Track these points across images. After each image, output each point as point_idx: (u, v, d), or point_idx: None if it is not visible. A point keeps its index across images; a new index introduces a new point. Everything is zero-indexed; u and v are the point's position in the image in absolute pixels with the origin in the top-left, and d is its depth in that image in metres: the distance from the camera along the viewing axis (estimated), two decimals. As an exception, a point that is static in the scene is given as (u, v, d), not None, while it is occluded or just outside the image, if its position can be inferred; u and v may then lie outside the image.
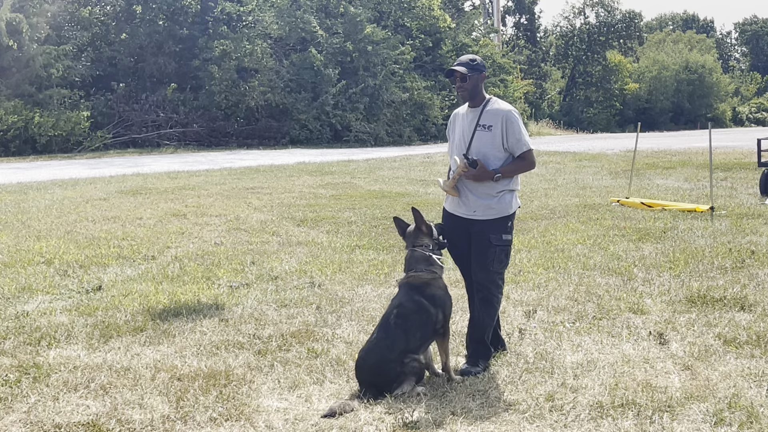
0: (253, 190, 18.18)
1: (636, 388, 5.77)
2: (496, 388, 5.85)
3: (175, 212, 14.63)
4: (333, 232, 12.79)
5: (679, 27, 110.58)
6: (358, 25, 41.20)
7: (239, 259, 10.59)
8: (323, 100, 39.47)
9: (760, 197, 15.90)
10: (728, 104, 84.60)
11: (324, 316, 7.82)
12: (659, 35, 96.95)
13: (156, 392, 5.83)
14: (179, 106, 38.90)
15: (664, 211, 14.22)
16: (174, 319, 7.74)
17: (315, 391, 5.84)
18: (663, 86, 77.81)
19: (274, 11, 41.35)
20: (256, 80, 39.50)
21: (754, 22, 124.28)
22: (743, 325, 7.19)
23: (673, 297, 8.31)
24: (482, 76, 6.44)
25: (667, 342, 6.80)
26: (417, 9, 46.43)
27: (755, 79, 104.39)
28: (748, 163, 22.00)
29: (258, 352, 6.72)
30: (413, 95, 42.13)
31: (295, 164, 25.67)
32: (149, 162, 28.19)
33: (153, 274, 9.73)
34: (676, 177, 20.27)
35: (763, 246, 10.88)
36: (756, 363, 6.23)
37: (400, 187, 19.10)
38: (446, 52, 46.86)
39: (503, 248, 6.28)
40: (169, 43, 40.64)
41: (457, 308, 7.40)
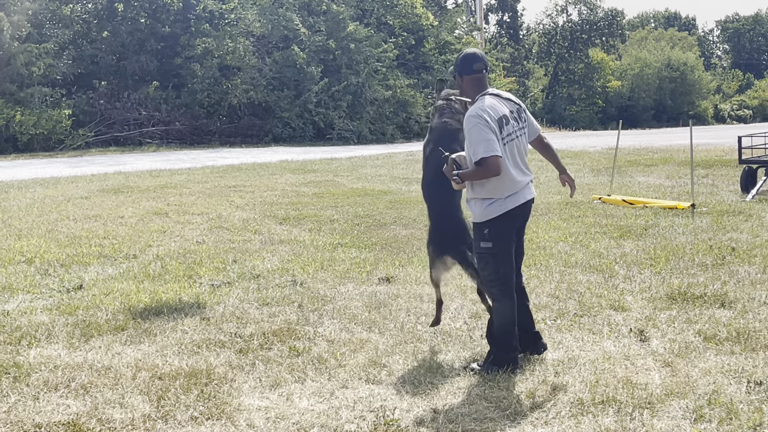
0: (235, 188, 18.15)
1: (616, 385, 5.79)
2: (477, 385, 5.86)
3: (156, 211, 14.59)
4: (315, 230, 12.78)
5: (661, 25, 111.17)
6: (340, 23, 41.17)
7: (221, 258, 10.57)
8: (306, 98, 39.42)
9: (740, 194, 15.98)
10: (710, 102, 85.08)
11: (306, 314, 7.81)
12: (641, 33, 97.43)
13: (137, 391, 5.81)
14: (161, 104, 38.77)
15: (646, 208, 14.27)
16: (155, 318, 7.72)
17: (296, 390, 5.84)
18: (645, 84, 78.23)
19: (256, 9, 41.27)
20: (238, 78, 39.42)
21: (736, 19, 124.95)
22: (723, 322, 7.22)
23: (653, 294, 8.34)
24: (460, 77, 6.29)
25: (648, 339, 6.83)
26: (399, 7, 46.42)
27: (737, 76, 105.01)
28: (730, 160, 22.09)
29: (239, 350, 6.71)
30: (396, 93, 42.13)
31: (277, 162, 25.64)
32: (131, 160, 28.11)
33: (134, 273, 9.70)
34: (658, 174, 20.35)
35: (744, 243, 10.93)
36: (736, 359, 6.26)
37: (383, 185, 19.10)
38: (429, 50, 46.89)
39: (481, 255, 6.20)
40: (151, 41, 40.49)
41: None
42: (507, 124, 6.05)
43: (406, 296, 8.44)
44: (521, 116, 6.22)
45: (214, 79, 39.30)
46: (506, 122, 6.05)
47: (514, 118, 6.14)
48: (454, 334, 7.11)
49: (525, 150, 6.23)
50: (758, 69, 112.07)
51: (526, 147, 6.26)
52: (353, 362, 6.38)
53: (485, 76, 6.24)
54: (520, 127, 6.16)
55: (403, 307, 8.01)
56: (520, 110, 6.25)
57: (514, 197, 6.05)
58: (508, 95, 6.28)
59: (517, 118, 6.17)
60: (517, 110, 6.21)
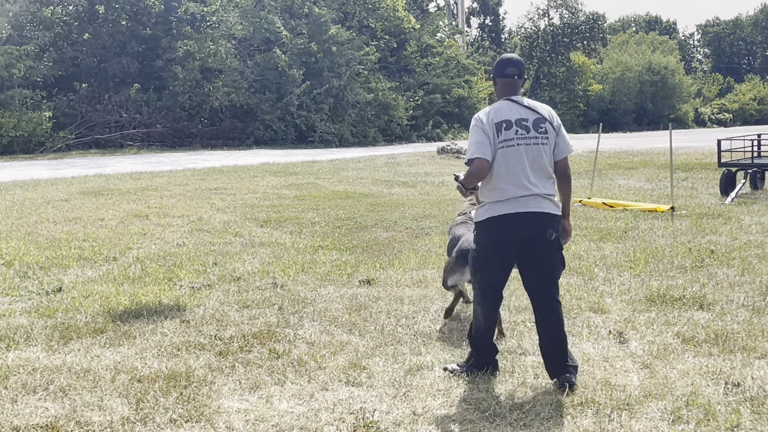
0: (216, 190, 18.12)
1: (595, 386, 5.81)
2: (457, 387, 5.86)
3: (137, 213, 14.54)
4: (296, 232, 12.77)
5: (642, 29, 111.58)
6: (322, 26, 41.20)
7: (201, 260, 10.54)
8: (288, 100, 39.43)
9: (720, 197, 16.07)
10: (690, 105, 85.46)
11: (286, 316, 7.80)
12: (622, 37, 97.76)
13: (116, 394, 5.79)
14: (142, 107, 38.69)
15: (626, 211, 14.34)
16: (135, 320, 7.69)
17: (276, 392, 5.83)
18: (626, 87, 78.48)
19: (238, 12, 41.25)
20: (220, 81, 39.39)
21: (716, 23, 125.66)
22: (702, 324, 7.26)
23: (633, 296, 8.38)
24: (494, 79, 6.21)
25: (627, 341, 6.86)
26: (381, 10, 46.52)
27: (717, 80, 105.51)
28: (709, 163, 22.22)
29: (219, 353, 6.70)
30: (378, 96, 42.19)
31: (259, 165, 25.61)
32: (112, 163, 28.01)
33: (114, 276, 9.66)
34: (638, 177, 20.44)
35: (723, 246, 11.00)
36: (714, 361, 6.30)
37: (365, 187, 19.10)
38: (411, 53, 47.00)
39: (471, 255, 6.23)
40: (132, 43, 40.40)
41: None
42: (508, 129, 5.87)
43: (387, 299, 8.45)
44: (539, 126, 5.92)
45: (196, 81, 39.25)
46: (507, 127, 5.88)
47: (524, 126, 5.90)
48: (434, 336, 7.12)
49: (536, 161, 5.89)
50: (738, 73, 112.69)
51: (539, 158, 5.90)
52: (333, 364, 6.38)
53: (517, 82, 6.08)
54: (530, 136, 5.88)
55: (383, 309, 8.02)
56: (540, 120, 5.95)
57: (502, 205, 5.86)
58: (534, 104, 6.04)
59: (530, 127, 5.90)
60: (536, 120, 5.94)
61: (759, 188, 17.34)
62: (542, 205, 5.87)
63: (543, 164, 5.92)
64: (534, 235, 5.87)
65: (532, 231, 5.87)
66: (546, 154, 5.93)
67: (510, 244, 5.90)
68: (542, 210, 5.86)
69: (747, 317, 7.49)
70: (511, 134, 5.87)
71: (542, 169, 5.92)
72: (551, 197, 5.92)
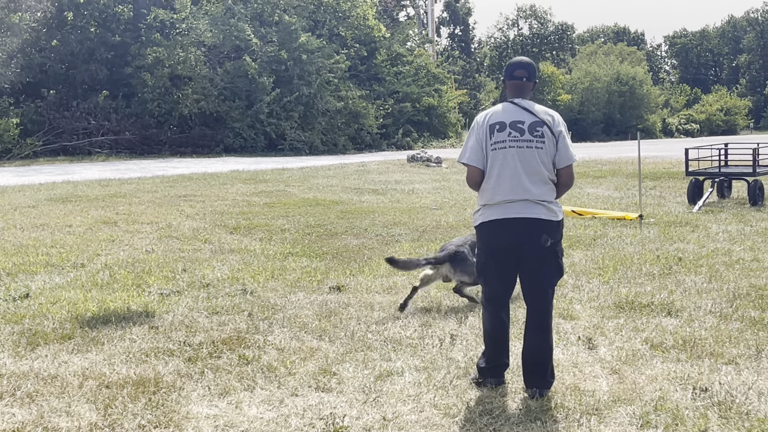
0: (185, 197, 18.04)
1: (565, 391, 5.83)
2: (427, 392, 5.86)
3: (105, 220, 14.45)
4: (266, 239, 12.74)
5: (611, 39, 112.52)
6: (292, 34, 41.19)
7: (170, 267, 10.49)
8: (258, 108, 39.36)
9: (687, 206, 16.19)
10: (658, 115, 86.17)
11: (256, 323, 7.77)
12: (591, 47, 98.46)
13: (83, 400, 5.75)
14: (111, 114, 38.50)
15: (595, 219, 14.41)
16: (103, 326, 7.63)
17: (246, 398, 5.81)
18: (595, 97, 79.02)
19: (207, 19, 41.14)
20: (189, 88, 39.26)
21: (684, 35, 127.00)
22: (670, 330, 7.31)
23: (602, 303, 8.42)
24: (504, 81, 6.15)
25: (596, 347, 6.89)
26: (352, 18, 46.58)
27: (684, 91, 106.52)
28: (677, 172, 22.39)
29: (188, 359, 6.66)
30: (348, 104, 42.23)
31: (228, 172, 25.54)
32: (80, 170, 27.83)
33: (82, 282, 9.59)
34: (607, 186, 20.56)
35: (690, 253, 11.08)
36: (682, 367, 6.34)
37: (335, 195, 19.10)
38: (381, 61, 47.08)
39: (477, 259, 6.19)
40: (101, 50, 40.20)
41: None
42: (501, 131, 5.77)
43: (357, 305, 8.44)
44: (535, 129, 5.76)
45: (165, 88, 39.11)
46: (500, 129, 5.78)
47: (518, 128, 5.77)
48: (404, 342, 7.12)
49: (530, 165, 5.75)
50: (705, 84, 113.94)
51: (533, 162, 5.75)
52: (303, 370, 6.36)
53: (525, 85, 5.96)
54: (523, 139, 5.75)
55: (353, 315, 8.01)
56: (538, 124, 5.79)
57: (493, 209, 5.81)
58: (537, 108, 5.90)
59: (525, 130, 5.76)
60: (533, 123, 5.79)
61: (726, 197, 17.49)
62: (534, 210, 5.75)
63: (538, 168, 5.76)
64: (525, 240, 5.78)
65: (523, 237, 5.77)
66: (541, 158, 5.77)
67: (504, 248, 5.84)
68: (533, 215, 5.75)
69: (714, 323, 7.54)
70: (504, 136, 5.78)
71: (537, 173, 5.77)
72: (546, 203, 5.78)
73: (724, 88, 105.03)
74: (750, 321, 7.61)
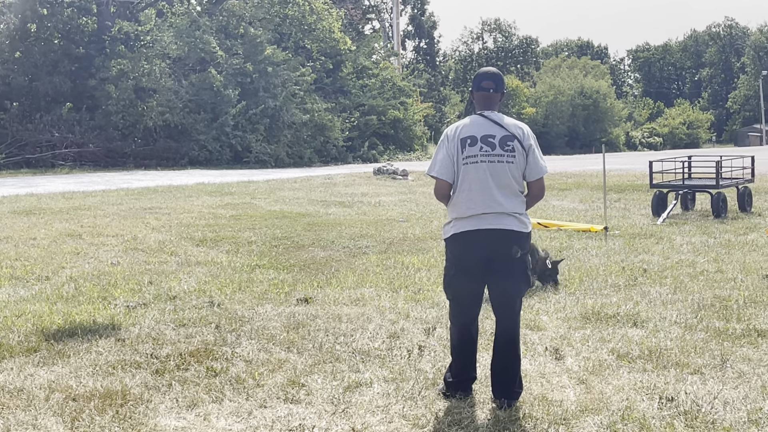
0: (151, 210, 17.94)
1: (533, 402, 5.86)
2: (396, 403, 5.87)
3: (70, 232, 14.34)
4: (233, 251, 12.70)
5: (575, 53, 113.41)
6: (258, 46, 41.17)
7: (136, 279, 10.43)
8: (223, 120, 39.26)
9: (652, 218, 16.33)
10: (622, 129, 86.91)
11: (223, 335, 7.75)
12: (555, 61, 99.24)
13: (50, 413, 5.70)
14: (75, 126, 38.22)
15: (560, 231, 14.50)
16: (69, 339, 7.58)
17: (214, 410, 5.78)
18: (559, 111, 79.56)
19: (172, 31, 41.03)
20: (154, 100, 39.08)
21: (647, 49, 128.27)
22: (636, 341, 7.37)
23: (568, 314, 8.47)
24: (471, 93, 6.11)
25: (563, 357, 6.93)
26: (317, 31, 46.62)
27: (647, 104, 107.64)
28: (641, 185, 22.57)
29: (155, 371, 6.62)
30: (314, 117, 42.22)
31: (194, 185, 25.43)
32: (43, 182, 27.59)
33: (47, 295, 9.51)
34: (572, 198, 20.70)
35: (655, 265, 11.18)
36: (648, 377, 6.39)
37: (301, 207, 19.08)
38: (346, 74, 47.15)
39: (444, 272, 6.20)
40: (65, 62, 39.96)
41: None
42: (472, 145, 5.78)
43: (325, 317, 8.44)
44: (506, 144, 5.78)
45: (130, 100, 38.90)
46: (471, 143, 5.78)
47: (489, 142, 5.77)
48: (373, 353, 7.12)
49: (501, 179, 5.77)
50: (668, 97, 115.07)
51: (503, 176, 5.78)
52: (272, 382, 6.35)
53: (493, 96, 5.94)
54: (494, 153, 5.76)
55: (321, 327, 8.00)
56: (509, 138, 5.81)
57: (465, 221, 5.82)
58: (507, 122, 5.90)
59: (495, 144, 5.77)
60: (503, 137, 5.80)
61: (689, 209, 17.65)
62: (506, 222, 5.79)
63: (508, 182, 5.80)
64: (497, 251, 5.80)
65: (495, 248, 5.79)
66: (512, 172, 5.80)
67: (474, 260, 5.84)
68: (505, 227, 5.78)
69: (680, 334, 7.62)
70: (475, 151, 5.78)
71: (507, 187, 5.81)
72: (517, 215, 5.82)
73: (687, 101, 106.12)
74: (715, 331, 7.69)
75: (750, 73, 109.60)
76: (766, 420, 5.48)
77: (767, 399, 5.89)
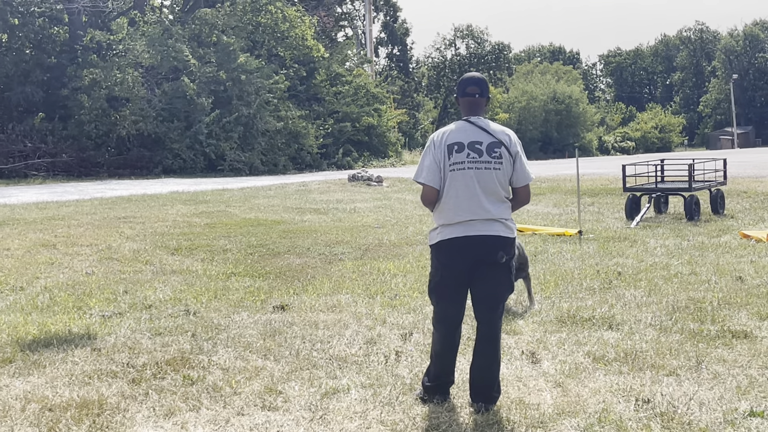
0: (125, 219, 17.85)
1: (510, 405, 5.88)
2: (374, 409, 5.87)
3: (44, 242, 14.25)
4: (208, 260, 12.67)
5: (547, 59, 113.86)
6: (231, 54, 41.05)
7: (111, 289, 10.39)
8: (197, 129, 39.11)
9: (625, 221, 16.42)
10: (594, 133, 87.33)
11: (200, 343, 7.73)
12: (528, 66, 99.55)
13: (26, 423, 5.67)
14: (47, 136, 37.96)
15: (535, 235, 14.55)
16: (44, 349, 7.53)
17: (191, 418, 5.77)
18: (532, 116, 79.89)
19: (145, 40, 40.85)
20: (127, 109, 38.87)
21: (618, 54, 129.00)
22: (611, 343, 7.41)
23: (544, 317, 8.51)
24: (456, 99, 6.13)
25: (539, 361, 6.96)
26: (290, 39, 46.54)
27: (620, 109, 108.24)
28: (614, 188, 22.70)
29: (132, 380, 6.60)
30: (288, 124, 42.15)
31: (168, 193, 25.31)
32: (16, 193, 27.39)
33: (21, 305, 9.46)
34: (546, 203, 20.77)
35: (629, 267, 11.24)
36: (624, 379, 6.43)
37: (276, 215, 19.05)
38: (320, 81, 47.10)
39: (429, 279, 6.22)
40: (37, 71, 39.71)
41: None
42: (459, 151, 5.77)
43: (301, 323, 8.43)
44: (493, 150, 5.79)
45: (102, 110, 38.67)
46: (459, 149, 5.77)
47: (476, 149, 5.78)
48: (350, 359, 7.13)
49: (488, 186, 5.78)
50: (640, 102, 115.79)
51: (491, 183, 5.79)
52: (249, 389, 6.34)
53: (479, 101, 5.95)
54: (482, 160, 5.77)
55: (298, 334, 8.00)
56: (496, 145, 5.81)
57: (453, 228, 5.80)
58: (494, 128, 5.91)
59: (483, 151, 5.78)
60: (490, 144, 5.80)
61: (663, 212, 17.76)
62: (493, 228, 5.80)
63: (495, 189, 5.82)
64: (484, 257, 5.82)
65: (482, 254, 5.81)
66: (498, 179, 5.82)
67: (461, 267, 5.85)
68: (493, 233, 5.80)
69: (655, 336, 7.67)
70: (462, 157, 5.78)
71: (494, 194, 5.82)
72: (504, 220, 5.84)
73: (659, 105, 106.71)
74: (689, 333, 7.74)
75: (721, 77, 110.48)
76: (741, 420, 5.53)
77: (742, 399, 5.94)
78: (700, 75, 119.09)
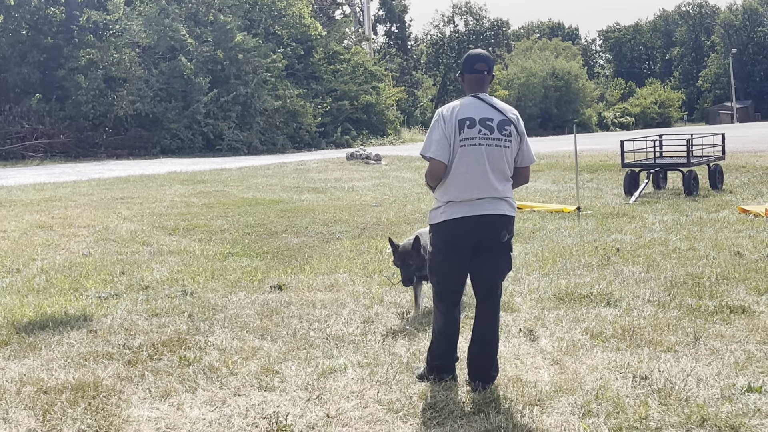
0: (122, 200, 17.81)
1: (507, 383, 5.87)
2: (371, 388, 5.86)
3: (40, 224, 14.21)
4: (205, 240, 12.64)
5: (546, 35, 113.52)
6: (228, 33, 40.85)
7: (108, 270, 10.36)
8: (194, 108, 38.97)
9: (624, 197, 16.38)
10: (594, 109, 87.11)
11: (196, 324, 7.71)
12: (527, 43, 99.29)
13: (22, 406, 5.65)
14: (45, 117, 37.84)
15: (533, 212, 14.52)
16: (40, 331, 7.51)
17: (187, 399, 5.75)
18: (531, 93, 79.64)
19: (141, 19, 40.63)
20: (124, 89, 38.74)
21: (617, 29, 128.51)
22: (609, 320, 7.40)
23: (542, 294, 8.49)
24: (461, 75, 6.05)
25: (537, 338, 6.95)
26: (288, 17, 46.29)
27: (619, 84, 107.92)
28: (613, 164, 22.62)
29: (128, 362, 6.58)
30: (286, 103, 41.98)
31: (166, 174, 25.24)
32: (13, 174, 27.31)
33: (18, 287, 9.43)
34: (544, 179, 20.73)
35: (628, 244, 11.22)
36: (621, 356, 6.41)
37: (274, 194, 19.01)
38: (318, 59, 46.91)
39: (428, 257, 6.18)
40: (33, 52, 39.53)
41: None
42: (471, 127, 5.73)
43: (299, 303, 8.42)
44: (504, 128, 5.78)
45: (99, 90, 38.54)
46: (471, 125, 5.73)
47: (488, 125, 5.75)
48: (347, 339, 7.11)
49: (497, 163, 5.77)
50: (639, 77, 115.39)
51: (500, 161, 5.78)
52: (245, 370, 6.32)
53: (485, 78, 5.95)
54: (493, 137, 5.74)
55: (295, 314, 7.98)
56: (506, 122, 5.81)
57: (459, 207, 5.75)
58: (503, 106, 5.93)
59: (494, 128, 5.75)
60: (501, 121, 5.79)
61: (661, 188, 17.73)
62: (499, 207, 5.79)
63: (503, 167, 5.81)
64: (488, 236, 5.81)
65: (487, 232, 5.80)
66: (506, 157, 5.81)
67: (464, 246, 5.81)
68: (499, 212, 5.79)
69: (653, 312, 7.65)
70: (474, 133, 5.73)
71: (501, 171, 5.81)
72: (508, 199, 5.84)
73: (658, 81, 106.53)
74: (687, 309, 7.73)
75: (720, 52, 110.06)
76: (739, 396, 5.52)
77: (740, 375, 5.92)
78: (699, 50, 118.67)
